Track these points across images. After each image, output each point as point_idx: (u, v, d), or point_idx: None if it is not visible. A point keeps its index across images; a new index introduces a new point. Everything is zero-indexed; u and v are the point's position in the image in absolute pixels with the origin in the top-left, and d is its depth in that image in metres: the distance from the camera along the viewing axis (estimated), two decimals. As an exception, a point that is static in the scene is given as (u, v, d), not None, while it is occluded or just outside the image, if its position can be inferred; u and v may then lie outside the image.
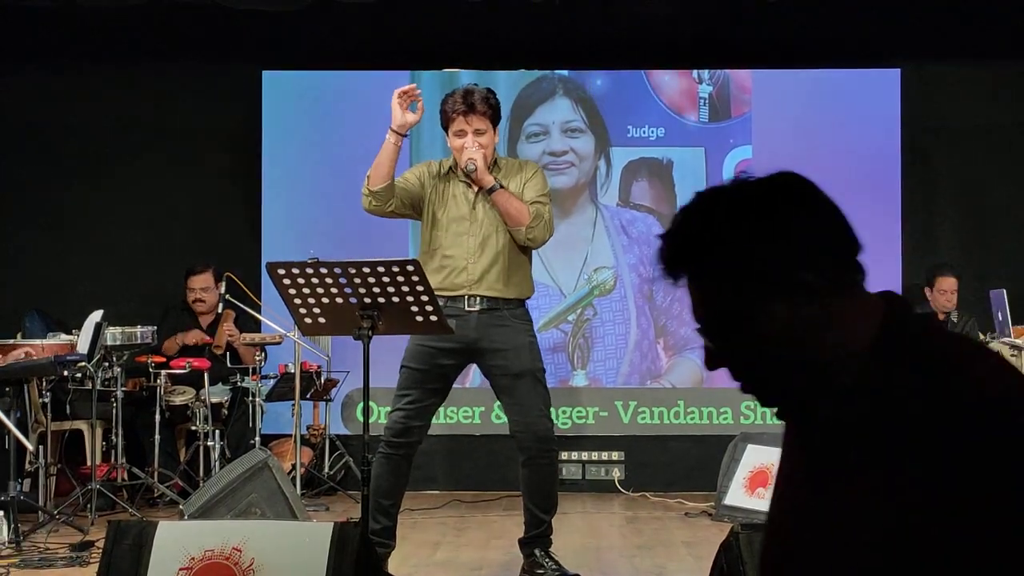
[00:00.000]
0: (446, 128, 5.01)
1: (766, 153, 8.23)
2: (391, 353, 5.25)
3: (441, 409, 7.98)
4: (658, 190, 8.26)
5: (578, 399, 8.16)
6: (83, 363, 6.36)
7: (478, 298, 4.97)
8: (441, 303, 4.60)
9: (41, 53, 8.35)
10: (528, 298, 5.15)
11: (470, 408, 8.06)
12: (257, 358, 7.32)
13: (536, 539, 5.10)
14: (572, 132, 8.27)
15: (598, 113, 8.27)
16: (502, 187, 4.93)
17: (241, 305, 7.34)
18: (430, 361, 4.97)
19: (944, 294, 7.71)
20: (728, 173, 8.25)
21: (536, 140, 8.27)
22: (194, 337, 7.72)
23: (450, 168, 5.08)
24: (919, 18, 8.21)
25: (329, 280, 4.27)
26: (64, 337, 6.94)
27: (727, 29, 8.29)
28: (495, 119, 5.02)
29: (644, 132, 8.25)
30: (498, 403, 5.39)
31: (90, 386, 6.62)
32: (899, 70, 8.24)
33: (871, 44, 8.30)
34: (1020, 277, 8.11)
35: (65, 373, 6.45)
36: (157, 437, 7.08)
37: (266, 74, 8.29)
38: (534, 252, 5.22)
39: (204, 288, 7.77)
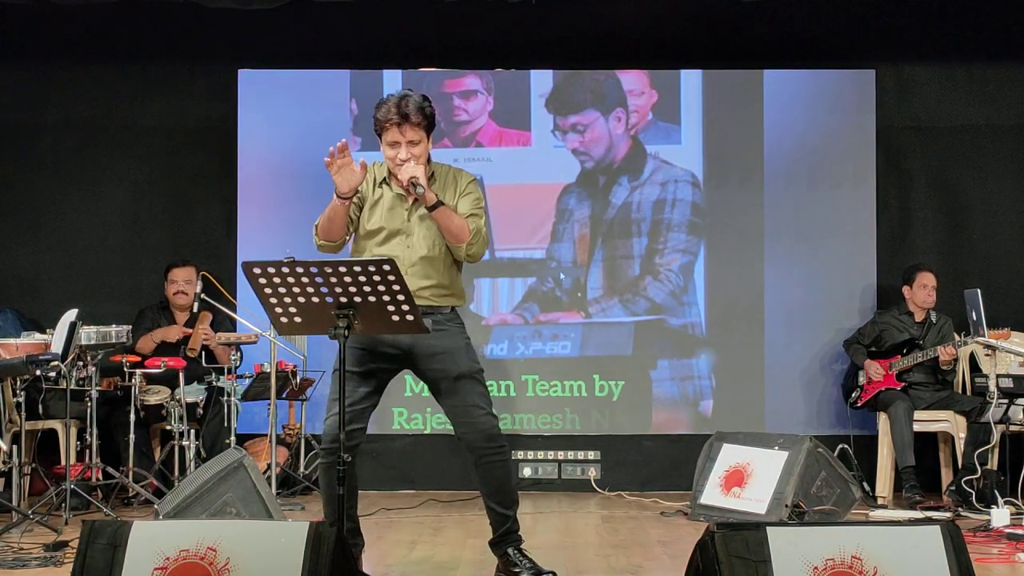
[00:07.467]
0: (379, 135, 4.89)
1: (742, 152, 8.26)
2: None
3: (418, 411, 8.07)
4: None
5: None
6: (56, 362, 6.32)
7: None
8: None
9: (14, 51, 8.30)
10: (461, 305, 5.06)
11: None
12: (232, 357, 7.31)
13: (505, 538, 5.08)
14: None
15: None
16: (443, 204, 4.82)
17: (217, 304, 7.32)
18: (365, 365, 4.91)
19: (924, 288, 7.73)
20: (703, 170, 8.28)
21: (513, 139, 8.29)
22: (175, 333, 7.70)
23: (384, 178, 4.96)
24: (894, 19, 8.26)
25: (305, 279, 4.26)
26: (38, 336, 6.90)
27: (706, 31, 8.31)
28: (430, 128, 4.88)
29: (627, 127, 8.28)
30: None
31: (64, 385, 6.59)
32: (874, 71, 8.28)
33: (847, 45, 8.34)
34: (994, 277, 8.17)
35: (38, 372, 6.41)
36: (132, 436, 7.05)
37: (242, 72, 8.27)
38: None
39: (187, 280, 7.76)
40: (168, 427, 7.27)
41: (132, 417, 7.05)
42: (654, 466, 8.14)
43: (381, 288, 4.26)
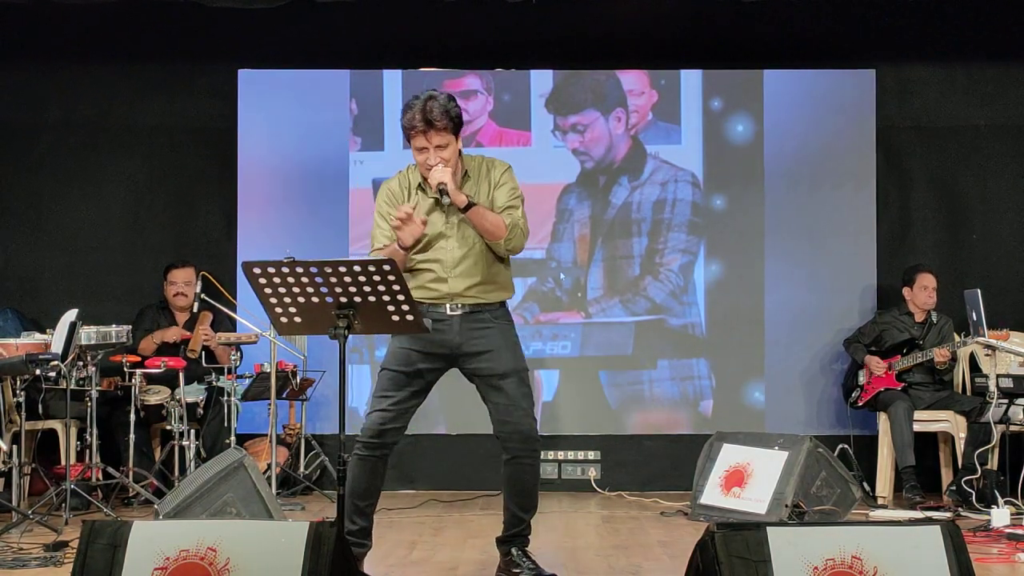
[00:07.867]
0: (407, 139, 4.89)
1: (742, 152, 8.26)
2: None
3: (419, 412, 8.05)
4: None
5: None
6: (56, 362, 6.32)
7: (460, 304, 4.94)
8: (422, 308, 4.58)
9: (15, 51, 8.30)
10: (509, 298, 5.13)
11: (447, 409, 8.05)
12: (233, 357, 7.30)
13: (514, 538, 5.09)
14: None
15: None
16: (475, 205, 4.82)
17: (217, 304, 7.32)
18: (414, 365, 4.94)
19: (925, 290, 7.74)
20: (703, 170, 8.28)
21: (513, 139, 8.29)
22: (174, 334, 7.70)
23: (419, 184, 4.96)
24: (894, 19, 8.25)
25: (305, 279, 4.25)
26: (38, 336, 6.89)
27: (706, 31, 8.31)
28: (457, 129, 4.88)
29: (627, 127, 8.27)
30: (475, 404, 5.32)
31: (64, 385, 6.59)
32: (874, 71, 8.28)
33: (847, 45, 8.33)
34: (994, 277, 8.17)
35: (38, 372, 6.41)
36: (132, 436, 7.05)
37: (242, 72, 8.26)
38: None
39: (187, 282, 7.75)
40: (168, 427, 7.27)
41: (132, 417, 7.05)
42: (654, 466, 8.14)
43: (381, 288, 4.26)
